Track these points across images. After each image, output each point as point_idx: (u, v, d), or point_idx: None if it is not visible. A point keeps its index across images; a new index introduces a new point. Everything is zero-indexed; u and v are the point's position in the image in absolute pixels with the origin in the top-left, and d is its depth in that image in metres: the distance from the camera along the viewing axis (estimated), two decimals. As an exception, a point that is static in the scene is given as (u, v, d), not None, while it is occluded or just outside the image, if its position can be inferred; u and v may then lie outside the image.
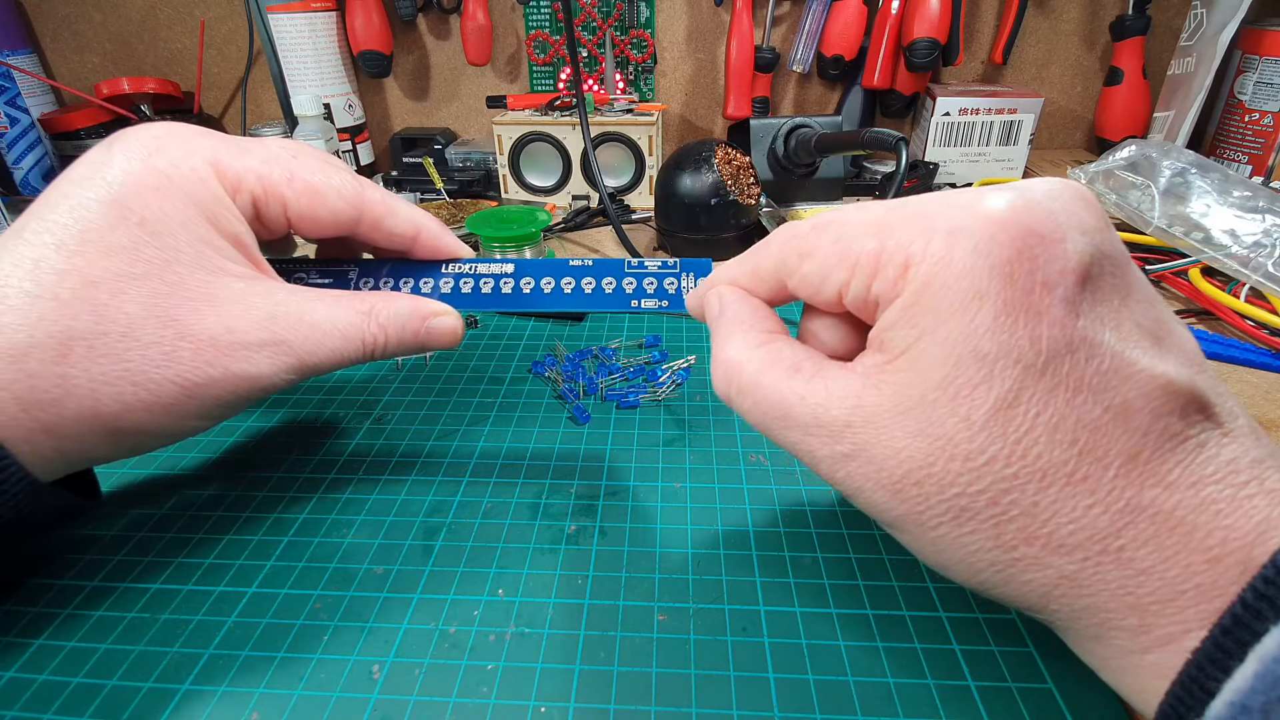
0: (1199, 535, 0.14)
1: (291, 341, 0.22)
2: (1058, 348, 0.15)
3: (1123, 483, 0.15)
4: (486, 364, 0.37)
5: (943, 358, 0.16)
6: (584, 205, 0.60)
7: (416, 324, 0.24)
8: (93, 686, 0.20)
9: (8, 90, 0.66)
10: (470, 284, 0.26)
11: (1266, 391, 0.35)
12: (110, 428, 0.20)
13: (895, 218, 0.17)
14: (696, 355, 0.37)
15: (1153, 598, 0.15)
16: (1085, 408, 0.15)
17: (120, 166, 0.21)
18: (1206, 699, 0.14)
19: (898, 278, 0.17)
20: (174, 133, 0.22)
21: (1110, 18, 0.65)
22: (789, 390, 0.19)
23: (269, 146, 0.24)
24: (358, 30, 0.65)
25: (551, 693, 0.20)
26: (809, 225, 0.19)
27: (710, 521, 0.26)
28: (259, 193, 0.23)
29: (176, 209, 0.21)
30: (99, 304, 0.19)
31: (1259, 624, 0.13)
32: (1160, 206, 0.47)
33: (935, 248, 0.16)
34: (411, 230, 0.26)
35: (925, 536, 0.17)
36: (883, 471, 0.17)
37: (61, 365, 0.19)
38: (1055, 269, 0.15)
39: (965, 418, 0.16)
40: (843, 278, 0.18)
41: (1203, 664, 0.14)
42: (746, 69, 0.67)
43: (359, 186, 0.25)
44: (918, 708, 0.20)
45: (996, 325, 0.15)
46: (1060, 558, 0.16)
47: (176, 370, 0.20)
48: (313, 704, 0.20)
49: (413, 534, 0.26)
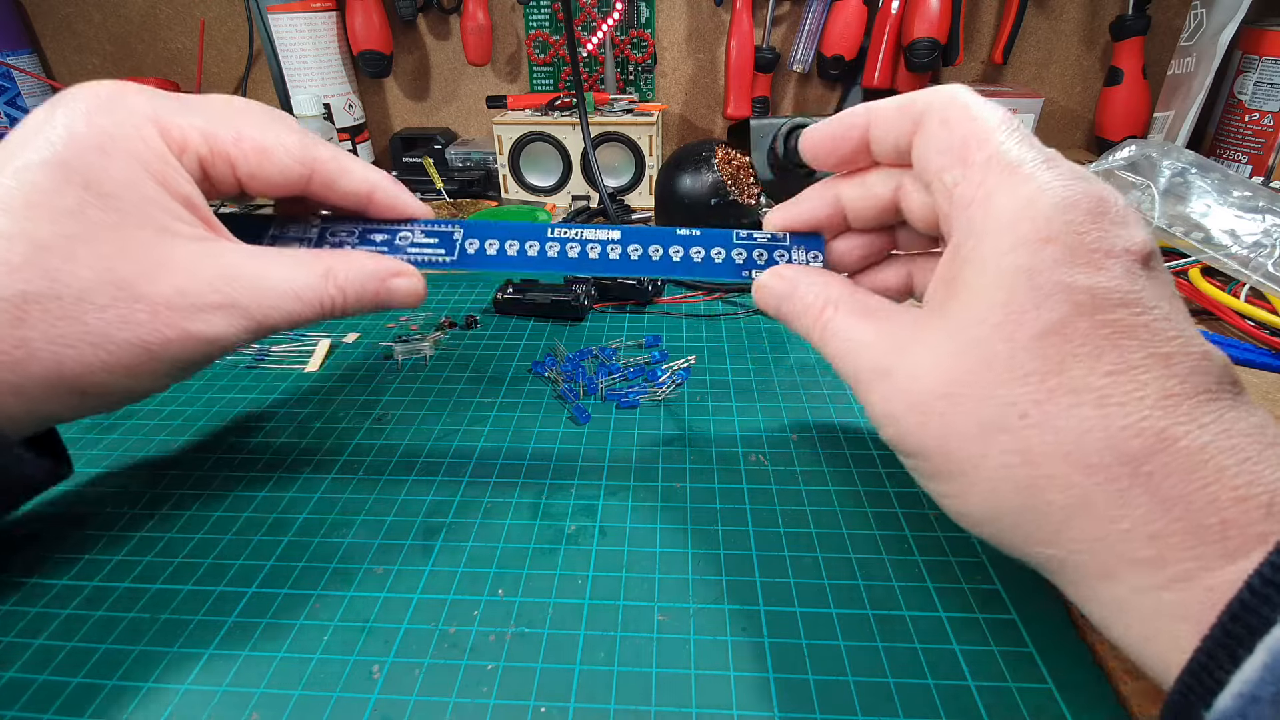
0: (1228, 474, 0.15)
1: (245, 303, 0.22)
2: (1111, 299, 0.16)
3: (1157, 414, 0.16)
4: (486, 364, 0.37)
5: (1000, 283, 0.17)
6: (584, 205, 0.60)
7: (375, 284, 0.24)
8: (93, 686, 0.20)
9: (8, 90, 0.66)
10: (576, 249, 0.26)
11: (1266, 391, 0.35)
12: (75, 387, 0.20)
13: (1015, 151, 0.19)
14: (696, 355, 0.37)
15: (1175, 528, 0.15)
16: (1129, 348, 0.16)
17: (63, 125, 0.20)
18: (1215, 689, 0.14)
19: (984, 197, 0.18)
20: (116, 91, 0.22)
21: (1110, 18, 0.65)
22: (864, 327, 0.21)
23: (213, 104, 0.23)
24: (358, 30, 0.65)
25: (551, 693, 0.20)
26: (968, 103, 0.20)
27: (710, 521, 0.26)
28: (205, 153, 0.22)
29: (121, 169, 0.20)
30: (51, 268, 0.19)
31: (1268, 611, 0.13)
32: (1160, 206, 0.47)
33: (1024, 192, 0.18)
34: (365, 188, 0.25)
35: (954, 457, 0.18)
36: (913, 386, 0.19)
37: (20, 329, 0.19)
38: (1120, 244, 0.17)
39: (1010, 337, 0.17)
40: (947, 162, 0.20)
41: (1212, 652, 0.14)
42: (746, 69, 0.67)
43: (308, 144, 0.24)
44: (918, 708, 0.20)
45: (1057, 266, 0.17)
46: (1087, 478, 0.16)
47: (135, 332, 0.20)
48: (313, 704, 0.20)
49: (413, 534, 0.26)
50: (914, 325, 0.20)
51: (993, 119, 0.19)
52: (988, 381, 0.17)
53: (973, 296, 0.18)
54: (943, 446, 0.18)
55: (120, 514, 0.27)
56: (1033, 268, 0.17)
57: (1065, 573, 0.17)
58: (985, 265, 0.18)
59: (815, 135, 0.24)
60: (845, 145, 0.23)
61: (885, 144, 0.22)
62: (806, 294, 0.23)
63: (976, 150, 0.19)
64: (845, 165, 0.24)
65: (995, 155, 0.19)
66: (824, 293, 0.22)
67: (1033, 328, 0.17)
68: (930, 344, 0.19)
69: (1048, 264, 0.17)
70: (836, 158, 0.24)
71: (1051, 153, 0.19)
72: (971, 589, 0.23)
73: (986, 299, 0.18)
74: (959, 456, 0.18)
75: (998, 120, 0.19)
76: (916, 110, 0.21)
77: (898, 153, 0.22)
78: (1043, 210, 0.17)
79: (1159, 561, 0.15)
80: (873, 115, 0.22)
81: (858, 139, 0.23)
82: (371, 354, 0.38)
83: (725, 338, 0.39)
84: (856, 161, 0.24)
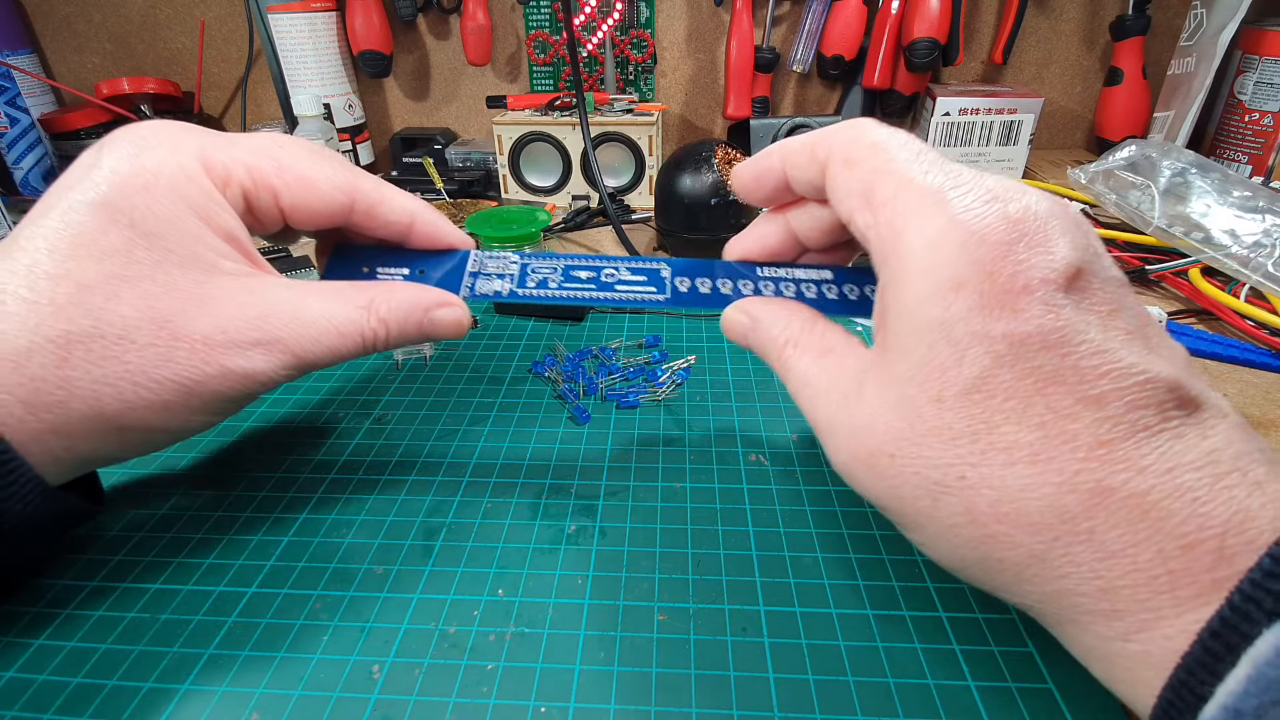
0: (1173, 521, 0.15)
1: (285, 339, 0.22)
2: (1031, 342, 0.16)
3: (1092, 465, 0.15)
4: (486, 364, 0.37)
5: (920, 338, 0.17)
6: (584, 205, 0.60)
7: (419, 315, 0.24)
8: (93, 686, 0.20)
9: (8, 90, 0.66)
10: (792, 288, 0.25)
11: (1266, 391, 0.35)
12: (115, 426, 0.20)
13: (920, 182, 0.18)
14: (696, 355, 0.37)
15: (1124, 581, 0.15)
16: (1055, 396, 0.16)
17: (109, 167, 0.21)
18: (1198, 703, 0.14)
19: (893, 238, 0.18)
20: (161, 130, 0.22)
21: (1110, 18, 0.65)
22: (816, 368, 0.21)
23: (256, 139, 0.24)
24: (358, 30, 0.65)
25: (551, 693, 0.20)
26: (873, 139, 0.19)
27: (710, 521, 0.26)
28: (249, 185, 0.23)
29: (165, 207, 0.21)
30: (94, 307, 0.19)
31: (1248, 627, 0.13)
32: (1160, 206, 0.47)
33: (930, 231, 0.17)
34: (406, 219, 0.25)
35: (908, 513, 0.18)
36: (858, 443, 0.18)
37: (63, 368, 0.19)
38: (1038, 275, 0.16)
39: (936, 397, 0.17)
40: (856, 205, 0.19)
41: (1193, 668, 0.14)
42: (746, 69, 0.67)
43: (350, 174, 0.24)
44: (918, 708, 0.20)
45: (971, 316, 0.16)
46: (1029, 536, 0.16)
47: (174, 370, 0.20)
48: (313, 704, 0.20)
49: (413, 534, 0.26)
50: (861, 371, 0.19)
51: (896, 150, 0.19)
52: (923, 444, 0.17)
53: (900, 347, 0.18)
54: (897, 503, 0.18)
55: (119, 514, 0.27)
56: (947, 320, 0.16)
57: (1040, 618, 0.18)
58: (905, 316, 0.17)
59: (739, 174, 0.24)
60: (766, 185, 0.23)
61: (802, 185, 0.22)
62: (769, 329, 0.23)
63: (881, 189, 0.18)
64: (774, 202, 0.24)
65: (899, 192, 0.18)
66: (785, 329, 0.22)
67: (956, 386, 0.16)
68: (872, 395, 0.18)
69: (961, 314, 0.16)
70: (762, 195, 0.23)
71: (962, 174, 0.18)
72: (971, 589, 0.23)
73: (910, 355, 0.17)
74: (912, 512, 0.18)
75: (901, 151, 0.19)
76: (822, 152, 0.20)
77: (816, 191, 0.21)
78: (950, 252, 0.16)
79: (1115, 613, 0.15)
80: (785, 157, 0.22)
81: (776, 180, 0.22)
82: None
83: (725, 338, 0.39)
84: (784, 198, 0.23)
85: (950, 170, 0.18)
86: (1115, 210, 0.50)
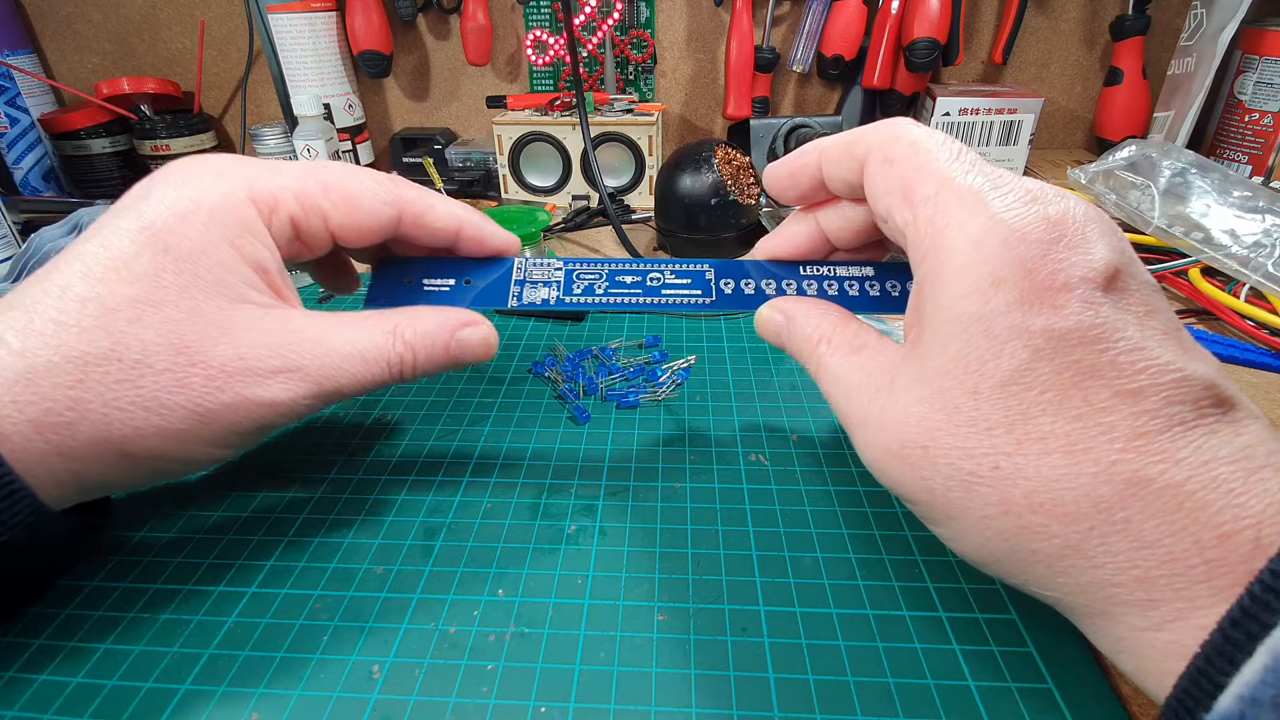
0: (1209, 511, 0.15)
1: (307, 367, 0.21)
2: (1070, 337, 0.16)
3: (1129, 456, 0.15)
4: (486, 364, 0.37)
5: (958, 332, 0.17)
6: (584, 205, 0.60)
7: (445, 336, 0.24)
8: (93, 686, 0.20)
9: (8, 90, 0.66)
10: (835, 286, 0.25)
11: (1266, 391, 0.35)
12: (123, 452, 0.20)
13: (960, 181, 0.18)
14: (696, 355, 0.37)
15: (1160, 571, 0.15)
16: (1093, 389, 0.16)
17: (156, 195, 0.21)
18: (1215, 692, 0.14)
19: (934, 235, 0.18)
20: (210, 161, 0.22)
21: (1110, 18, 0.65)
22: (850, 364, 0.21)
23: (299, 164, 0.24)
24: (358, 30, 0.65)
25: (551, 693, 0.20)
26: (912, 138, 0.20)
27: (710, 521, 0.26)
28: (296, 210, 0.23)
29: (200, 233, 0.21)
30: (116, 330, 0.19)
31: (1267, 616, 0.13)
32: (1160, 206, 0.47)
33: (971, 229, 0.17)
34: (453, 224, 0.25)
35: (939, 505, 0.18)
36: (889, 436, 0.19)
37: (76, 389, 0.19)
38: (1078, 273, 0.16)
39: (973, 389, 0.17)
40: (895, 202, 0.20)
41: (1211, 657, 0.14)
42: (746, 69, 0.67)
43: (392, 185, 0.24)
44: (918, 708, 0.20)
45: (1011, 311, 0.16)
46: (1065, 526, 0.16)
47: (188, 396, 0.20)
48: (313, 704, 0.20)
49: (413, 534, 0.26)
50: (893, 367, 0.20)
51: (935, 150, 0.19)
52: (958, 434, 0.17)
53: (936, 342, 0.18)
54: (928, 495, 0.18)
55: (119, 514, 0.27)
56: (986, 315, 0.17)
57: (1068, 612, 0.18)
58: (942, 310, 0.18)
59: (773, 173, 0.24)
60: (801, 184, 0.23)
61: (837, 183, 0.22)
62: (803, 328, 0.23)
63: (921, 187, 0.19)
64: (807, 200, 0.24)
65: (940, 190, 0.18)
66: (818, 327, 0.22)
67: (994, 378, 0.17)
68: (905, 389, 0.19)
69: (1001, 309, 0.17)
70: (795, 194, 0.23)
71: (1001, 175, 0.18)
72: (971, 589, 0.23)
73: (947, 348, 0.17)
74: (943, 504, 0.18)
75: (940, 150, 0.19)
76: (860, 150, 0.21)
77: (851, 189, 0.22)
78: (991, 249, 0.17)
79: (1150, 603, 0.15)
80: (822, 155, 0.22)
81: (811, 178, 0.22)
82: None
83: (725, 338, 0.39)
84: (817, 196, 0.23)
85: (989, 171, 0.18)
86: (1115, 210, 0.50)
